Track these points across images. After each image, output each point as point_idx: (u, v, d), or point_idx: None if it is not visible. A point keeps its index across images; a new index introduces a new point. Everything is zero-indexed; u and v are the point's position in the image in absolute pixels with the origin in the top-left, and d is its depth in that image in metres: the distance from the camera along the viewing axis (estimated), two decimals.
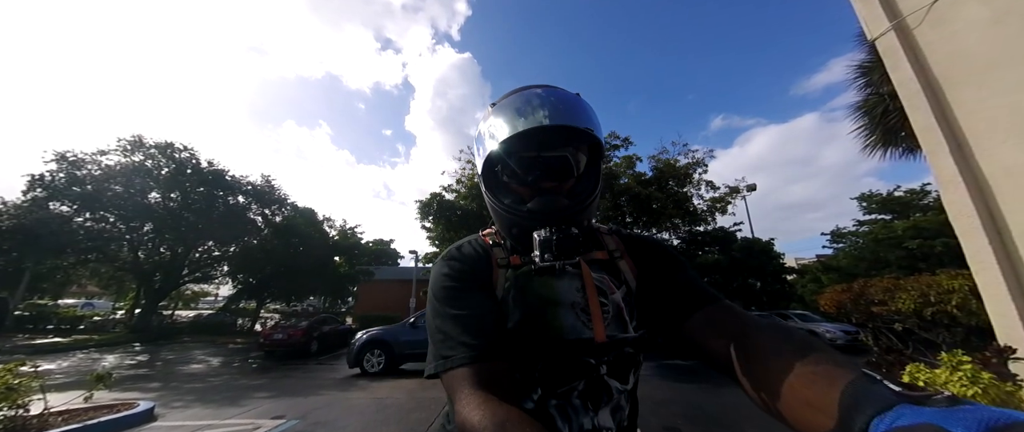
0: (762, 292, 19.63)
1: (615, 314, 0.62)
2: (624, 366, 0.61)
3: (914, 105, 4.32)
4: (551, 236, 0.60)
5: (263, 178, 20.25)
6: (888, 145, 7.41)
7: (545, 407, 0.58)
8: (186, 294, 29.12)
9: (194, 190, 17.82)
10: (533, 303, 0.61)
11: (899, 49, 4.47)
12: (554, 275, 0.64)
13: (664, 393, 5.73)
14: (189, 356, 11.51)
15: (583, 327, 0.60)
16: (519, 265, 0.65)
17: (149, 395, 5.63)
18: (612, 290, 0.64)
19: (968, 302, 3.84)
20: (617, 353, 0.60)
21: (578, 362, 0.59)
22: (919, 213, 17.84)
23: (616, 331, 0.61)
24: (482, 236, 0.73)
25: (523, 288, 0.63)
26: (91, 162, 15.87)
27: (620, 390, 0.60)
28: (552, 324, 0.60)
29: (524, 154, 0.64)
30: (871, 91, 7.68)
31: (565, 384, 0.58)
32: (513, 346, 0.59)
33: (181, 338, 16.95)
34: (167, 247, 18.99)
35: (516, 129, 0.61)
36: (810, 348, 0.40)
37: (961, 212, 3.91)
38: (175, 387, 6.63)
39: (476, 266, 0.65)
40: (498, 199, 0.67)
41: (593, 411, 0.58)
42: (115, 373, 4.59)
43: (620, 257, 0.69)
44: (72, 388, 5.15)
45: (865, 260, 18.29)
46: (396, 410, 4.91)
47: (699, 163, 13.91)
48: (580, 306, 0.62)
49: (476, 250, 0.68)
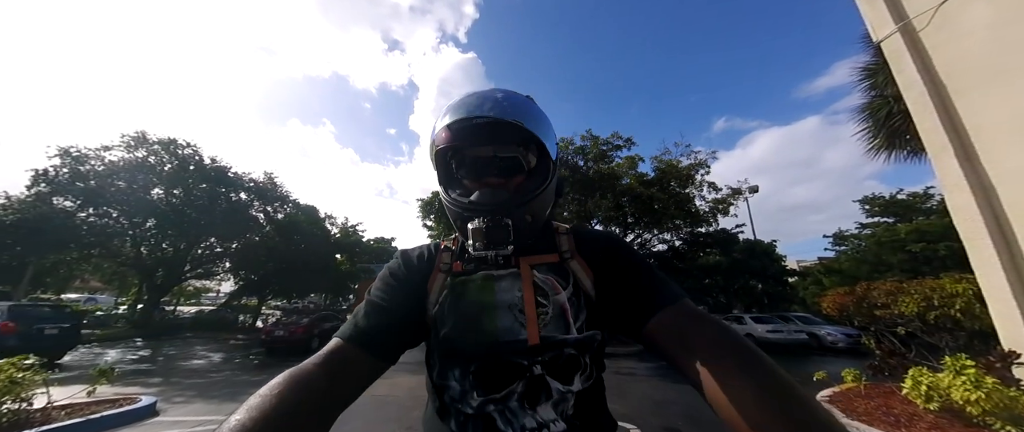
0: (763, 294, 19.59)
1: (556, 315, 0.62)
2: (566, 367, 0.60)
3: (919, 108, 4.30)
4: (482, 225, 0.61)
5: (265, 175, 20.31)
6: (892, 148, 7.39)
7: (483, 410, 0.58)
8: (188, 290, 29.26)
9: (197, 186, 17.87)
10: (469, 308, 0.63)
11: (905, 51, 4.46)
12: (495, 278, 0.65)
13: (664, 393, 5.73)
14: (191, 352, 11.56)
15: (519, 328, 0.61)
16: (459, 272, 0.67)
17: (151, 390, 5.65)
18: (557, 290, 0.64)
19: (972, 306, 3.83)
20: (555, 354, 0.60)
21: (512, 364, 0.59)
22: (922, 216, 17.75)
23: (556, 332, 0.61)
24: (442, 242, 0.75)
25: (459, 294, 0.64)
26: (95, 158, 15.91)
27: (563, 390, 0.59)
28: (487, 327, 0.61)
29: (473, 151, 0.65)
30: (876, 94, 7.65)
31: (502, 387, 0.58)
32: (446, 350, 0.62)
33: (183, 334, 17.02)
34: (169, 243, 19.05)
35: (454, 118, 0.63)
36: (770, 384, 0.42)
37: (966, 216, 3.90)
38: (176, 382, 6.65)
39: (413, 269, 0.70)
40: (447, 193, 0.68)
41: (532, 409, 0.58)
42: (117, 368, 4.60)
43: (570, 257, 0.68)
44: (74, 382, 5.18)
45: (867, 263, 18.23)
46: (396, 408, 4.92)
47: (702, 164, 13.90)
48: (517, 307, 0.62)
49: (422, 255, 0.73)
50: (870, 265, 17.83)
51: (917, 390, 3.16)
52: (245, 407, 0.44)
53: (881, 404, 3.65)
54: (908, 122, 6.84)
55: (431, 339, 0.66)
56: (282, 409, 0.44)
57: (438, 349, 0.63)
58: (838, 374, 4.87)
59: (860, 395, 4.05)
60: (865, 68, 7.74)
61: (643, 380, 6.96)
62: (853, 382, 4.35)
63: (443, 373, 0.62)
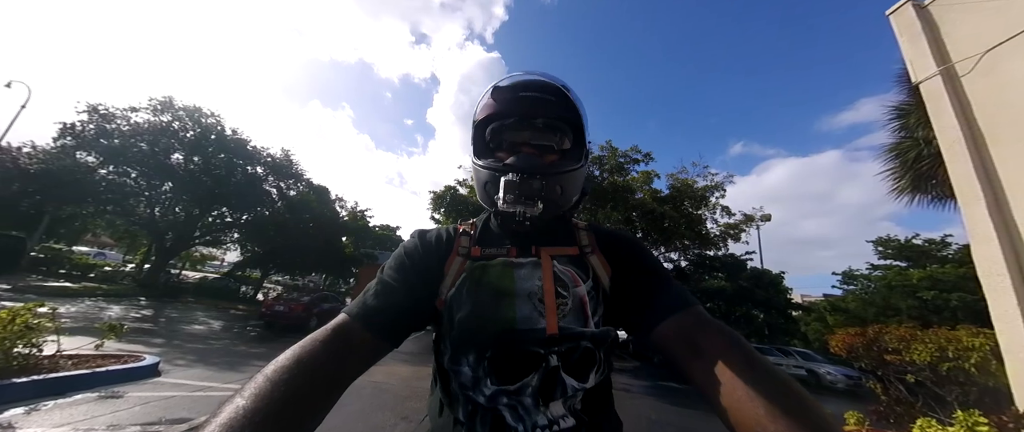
0: (764, 324, 19.32)
1: (575, 307, 0.62)
2: (582, 362, 0.60)
3: (954, 154, 4.22)
4: (516, 178, 0.61)
5: (282, 152, 20.58)
6: (917, 191, 7.23)
7: (496, 404, 0.57)
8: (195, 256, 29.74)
9: (215, 156, 18.17)
10: (487, 293, 0.62)
11: (944, 95, 4.38)
12: (515, 266, 0.64)
13: (660, 414, 5.68)
14: (192, 316, 11.74)
15: (538, 317, 0.60)
16: (478, 257, 0.66)
17: (153, 350, 5.74)
18: (577, 283, 0.64)
19: (988, 362, 3.73)
20: (571, 347, 0.59)
21: (528, 353, 0.58)
22: (936, 264, 17.37)
23: (574, 324, 0.60)
24: (459, 225, 0.75)
25: (478, 279, 0.63)
26: (121, 117, 16.27)
27: (577, 388, 0.59)
28: (506, 314, 0.60)
29: (512, 127, 0.68)
30: (905, 134, 7.52)
31: (517, 379, 0.57)
32: (461, 335, 0.60)
33: (185, 298, 17.28)
34: (182, 208, 19.40)
35: (501, 88, 0.67)
36: (778, 390, 0.41)
37: (991, 269, 3.81)
38: (178, 345, 6.76)
39: (430, 251, 0.68)
40: (485, 160, 0.70)
41: (544, 406, 0.57)
42: (124, 324, 4.69)
43: (591, 252, 0.69)
44: (78, 333, 5.29)
45: (875, 305, 17.89)
46: (392, 397, 4.94)
47: (717, 186, 13.74)
48: (537, 296, 0.62)
49: (440, 236, 0.71)
50: (878, 308, 17.50)
51: None
52: (251, 392, 0.42)
53: None
54: (937, 166, 6.71)
55: (443, 323, 0.64)
56: (287, 396, 0.43)
57: (452, 334, 0.61)
58: (839, 415, 4.78)
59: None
60: (897, 107, 7.60)
61: (638, 398, 6.90)
62: (855, 425, 4.27)
63: (456, 358, 0.61)
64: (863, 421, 4.19)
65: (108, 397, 3.74)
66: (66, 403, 3.48)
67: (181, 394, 4.14)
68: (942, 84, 4.38)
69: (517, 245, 0.67)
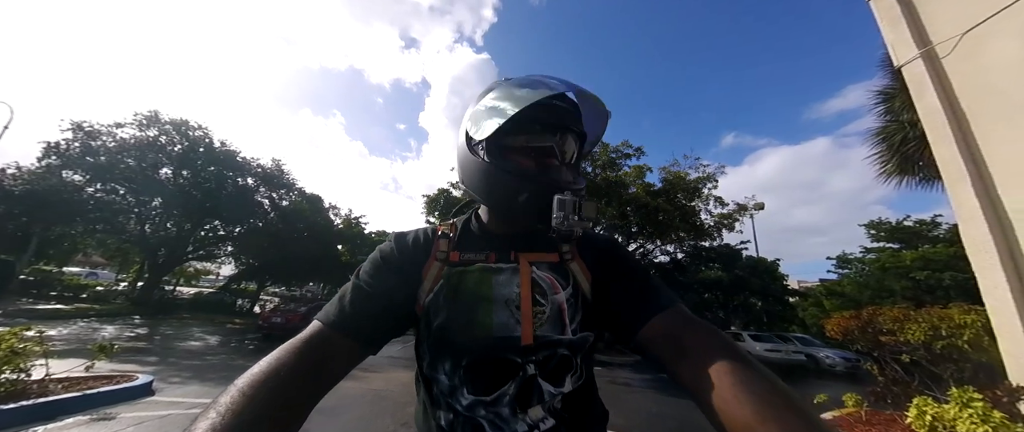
0: (763, 312, 19.46)
1: (553, 315, 0.61)
2: (559, 369, 0.60)
3: (938, 136, 4.26)
4: (575, 198, 0.58)
5: (273, 162, 20.41)
6: (904, 173, 7.31)
7: (474, 414, 0.57)
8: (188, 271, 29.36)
9: (205, 169, 17.96)
10: (465, 300, 0.61)
11: (926, 78, 4.42)
12: (493, 272, 0.63)
13: (660, 406, 5.69)
14: (187, 332, 11.59)
15: (515, 324, 0.59)
16: (457, 262, 0.65)
17: (147, 369, 5.66)
18: (556, 290, 0.63)
19: (980, 339, 3.78)
20: (548, 354, 0.59)
21: (504, 361, 0.58)
22: (928, 244, 17.58)
23: (551, 332, 0.60)
24: (438, 227, 0.73)
25: (456, 286, 0.62)
26: (106, 134, 16.03)
27: (554, 393, 0.59)
28: (483, 321, 0.59)
29: (534, 138, 0.65)
30: (891, 118, 7.60)
31: (494, 388, 0.57)
32: (437, 342, 0.59)
33: (181, 314, 17.07)
34: (174, 223, 19.14)
35: (539, 95, 0.60)
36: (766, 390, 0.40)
37: (979, 247, 3.85)
38: (173, 363, 6.67)
39: (407, 255, 0.66)
40: (507, 162, 0.64)
41: (523, 413, 0.57)
42: (116, 343, 4.61)
43: (571, 259, 0.67)
44: (72, 356, 5.19)
45: (870, 288, 18.07)
46: (392, 403, 4.90)
47: (710, 178, 13.84)
48: (514, 303, 0.61)
49: (418, 239, 0.69)
50: (872, 290, 17.68)
51: (922, 420, 3.11)
52: (225, 406, 0.41)
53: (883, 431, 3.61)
54: (923, 148, 6.79)
55: (421, 328, 0.63)
56: (262, 409, 0.42)
57: (429, 340, 0.61)
58: (838, 398, 4.82)
59: (861, 421, 4.00)
60: (881, 92, 7.68)
61: (638, 391, 6.92)
62: (854, 407, 4.31)
63: (433, 365, 0.60)
64: (861, 402, 4.23)
65: (100, 419, 3.67)
66: (56, 428, 3.40)
67: (176, 412, 4.07)
68: (923, 67, 4.43)
69: (497, 250, 0.66)
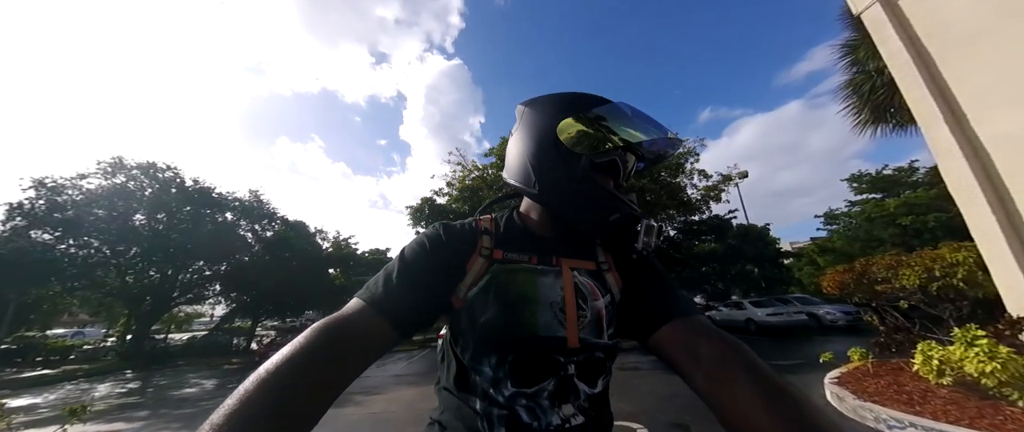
0: (760, 278, 19.66)
1: (593, 320, 0.64)
2: (594, 371, 0.63)
3: (905, 77, 4.24)
4: (656, 225, 0.66)
5: (251, 193, 19.93)
6: (878, 122, 7.38)
7: (514, 405, 0.58)
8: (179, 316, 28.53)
9: (180, 209, 17.43)
10: (510, 298, 0.62)
11: (886, 22, 4.40)
12: (537, 273, 0.65)
13: (670, 387, 5.59)
14: (183, 380, 11.17)
15: (558, 326, 0.61)
16: (501, 259, 0.66)
17: (135, 425, 5.37)
18: (596, 296, 0.66)
19: (974, 274, 3.76)
20: (587, 356, 0.62)
21: (548, 360, 0.60)
22: (909, 190, 17.94)
23: (591, 336, 0.63)
24: (479, 220, 0.73)
25: (503, 283, 0.63)
26: (71, 187, 15.43)
27: (588, 393, 0.61)
28: (528, 321, 0.61)
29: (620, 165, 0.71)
30: (857, 69, 7.65)
31: (535, 382, 0.59)
32: (483, 337, 0.61)
33: (175, 362, 16.50)
34: (156, 269, 18.52)
35: (651, 136, 0.69)
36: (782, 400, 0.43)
37: (961, 183, 3.83)
38: (164, 414, 6.36)
39: (454, 247, 0.66)
40: (603, 181, 0.70)
41: (558, 407, 0.59)
42: (106, 402, 4.35)
43: (608, 270, 0.71)
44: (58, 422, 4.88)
45: (859, 240, 18.39)
46: (392, 425, 4.71)
47: (690, 153, 13.87)
48: (558, 306, 0.62)
49: (465, 232, 0.69)
50: (862, 242, 17.99)
51: (929, 365, 3.06)
52: (244, 392, 0.42)
53: (891, 382, 3.55)
54: (892, 94, 6.84)
55: (462, 321, 0.64)
56: (282, 396, 0.42)
57: (474, 334, 0.62)
58: (844, 353, 4.79)
59: (868, 374, 3.96)
60: (845, 44, 7.74)
61: (647, 374, 6.83)
62: (860, 361, 4.26)
63: (477, 357, 0.61)
64: (867, 355, 4.19)
65: None
66: None
67: None
68: (882, 12, 4.41)
69: (538, 252, 0.68)
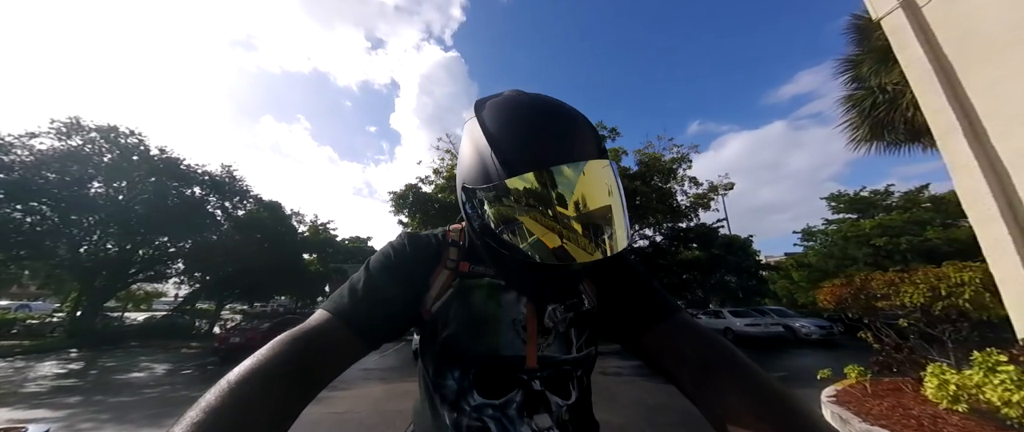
0: (738, 288, 19.96)
1: (559, 336, 0.61)
2: (563, 382, 0.60)
3: (925, 86, 4.05)
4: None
5: (223, 168, 18.79)
6: (875, 139, 7.35)
7: (482, 415, 0.57)
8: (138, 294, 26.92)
9: (143, 180, 16.22)
10: (473, 314, 0.60)
11: (908, 27, 4.20)
12: (501, 289, 0.61)
13: (657, 398, 5.36)
14: (132, 363, 10.33)
15: (521, 344, 0.58)
16: (466, 273, 0.62)
17: (58, 414, 4.74)
18: (566, 309, 0.63)
19: (981, 295, 3.60)
20: (553, 371, 0.60)
21: (511, 376, 0.58)
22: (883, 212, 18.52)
23: (557, 352, 0.60)
24: (449, 231, 0.69)
25: (465, 298, 0.61)
26: (20, 146, 14.10)
27: (561, 404, 0.59)
28: (490, 339, 0.59)
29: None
30: (858, 85, 7.62)
31: (501, 394, 0.57)
32: (445, 351, 0.58)
33: (128, 343, 15.39)
34: (114, 242, 17.23)
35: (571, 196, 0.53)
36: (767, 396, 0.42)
37: (976, 200, 3.65)
38: (97, 402, 5.70)
39: (419, 257, 0.63)
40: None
41: (531, 419, 0.57)
42: (38, 383, 3.75)
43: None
44: None
45: (834, 257, 18.86)
46: (357, 426, 4.28)
47: (684, 158, 13.83)
48: (520, 324, 0.60)
49: (430, 243, 0.66)
50: (837, 259, 18.46)
51: (944, 390, 2.86)
52: (206, 403, 0.39)
53: (895, 404, 3.38)
54: (892, 111, 6.80)
55: (426, 335, 0.62)
56: (246, 408, 0.40)
57: (436, 349, 0.60)
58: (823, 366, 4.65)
59: (867, 394, 3.79)
60: (848, 60, 7.69)
61: (630, 381, 6.60)
62: (856, 379, 4.10)
63: (441, 371, 0.60)
64: (865, 373, 4.03)
65: None
66: None
67: None
68: (904, 17, 4.24)
69: None
